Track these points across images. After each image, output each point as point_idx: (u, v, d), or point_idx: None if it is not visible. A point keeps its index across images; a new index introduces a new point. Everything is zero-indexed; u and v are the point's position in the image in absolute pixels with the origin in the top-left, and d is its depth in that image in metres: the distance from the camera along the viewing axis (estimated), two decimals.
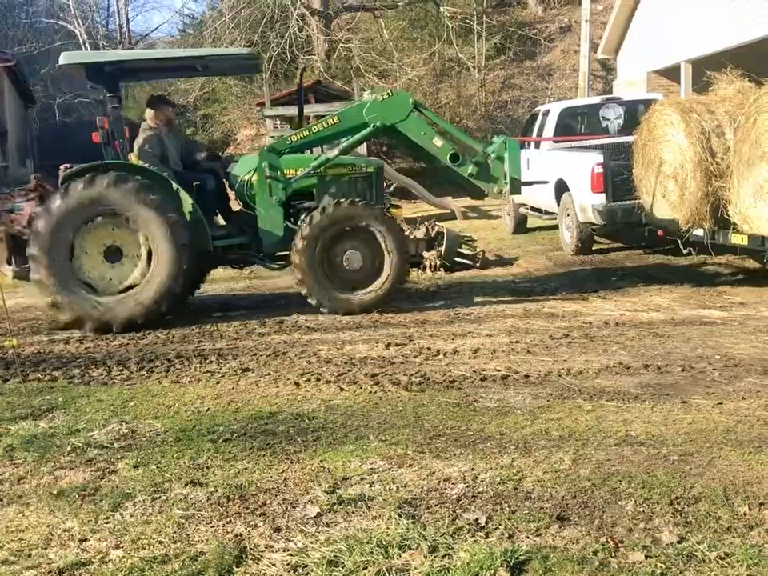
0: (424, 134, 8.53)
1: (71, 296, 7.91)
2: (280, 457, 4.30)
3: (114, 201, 7.88)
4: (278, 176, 8.42)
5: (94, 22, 46.09)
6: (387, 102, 8.49)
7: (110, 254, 8.12)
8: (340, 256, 8.34)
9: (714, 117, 8.90)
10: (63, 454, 4.46)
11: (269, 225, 8.50)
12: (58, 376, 6.30)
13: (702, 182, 8.76)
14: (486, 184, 8.57)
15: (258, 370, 6.23)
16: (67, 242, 7.92)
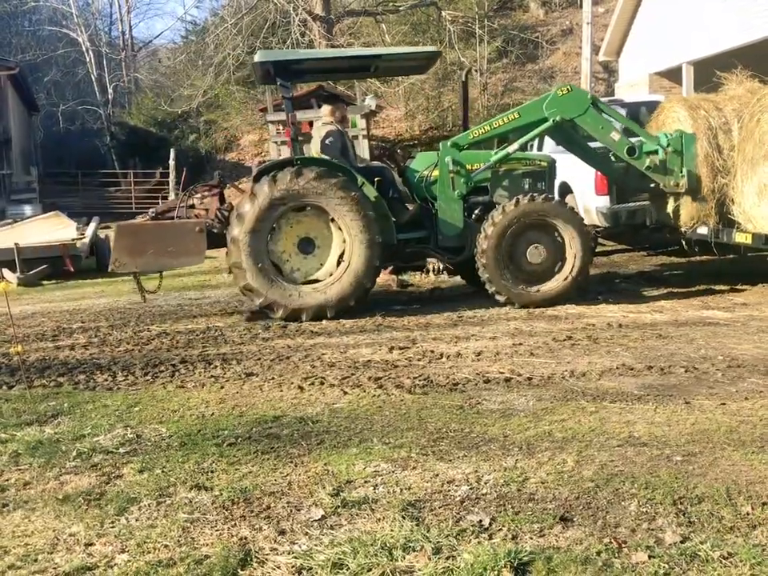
0: (602, 128, 8.71)
1: (266, 282, 8.27)
2: (284, 460, 4.32)
3: (317, 193, 8.23)
4: (459, 170, 8.64)
5: (96, 29, 46.26)
6: (567, 97, 8.68)
7: (305, 245, 8.50)
8: (523, 251, 8.48)
9: (722, 114, 8.89)
10: (69, 460, 4.48)
11: (449, 218, 8.69)
12: (63, 382, 6.32)
13: (708, 178, 8.73)
14: (663, 177, 8.80)
15: (263, 375, 6.25)
16: (267, 230, 8.31)
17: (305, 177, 8.21)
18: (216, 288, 11.60)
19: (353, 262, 8.28)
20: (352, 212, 8.21)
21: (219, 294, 10.88)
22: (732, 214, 8.65)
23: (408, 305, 9.18)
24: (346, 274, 8.31)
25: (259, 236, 8.25)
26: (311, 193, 8.23)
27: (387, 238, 8.48)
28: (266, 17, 25.24)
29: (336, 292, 8.29)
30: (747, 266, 10.49)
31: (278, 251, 8.45)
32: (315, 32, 25.00)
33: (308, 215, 8.43)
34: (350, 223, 8.23)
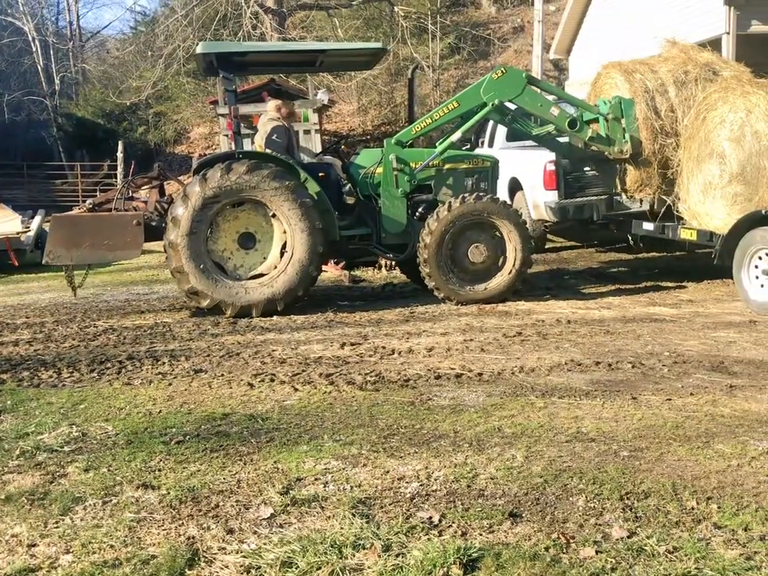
0: (541, 106, 8.88)
1: (210, 283, 8.18)
2: (233, 458, 4.27)
3: (251, 187, 8.14)
4: (403, 168, 8.67)
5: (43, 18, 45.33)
6: (502, 80, 8.78)
7: (245, 240, 8.41)
8: (464, 250, 8.55)
9: (657, 76, 9.05)
10: (11, 458, 4.37)
11: (392, 216, 8.73)
12: (6, 379, 6.17)
13: (649, 140, 8.84)
14: (607, 145, 8.96)
15: (212, 371, 6.18)
16: (205, 229, 8.21)
17: (236, 171, 8.12)
18: (164, 283, 11.44)
19: (296, 252, 8.22)
20: (288, 201, 8.13)
21: (167, 289, 10.73)
22: (677, 211, 8.79)
23: (360, 300, 9.17)
24: (290, 264, 8.24)
25: (197, 237, 8.14)
26: (245, 187, 8.14)
27: (329, 231, 8.47)
28: (216, 9, 24.97)
29: (283, 284, 8.23)
30: (693, 263, 10.68)
31: (219, 250, 8.35)
32: (267, 25, 24.80)
33: (245, 210, 8.34)
34: (288, 213, 8.15)
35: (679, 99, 8.81)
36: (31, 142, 35.68)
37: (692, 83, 8.80)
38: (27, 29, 40.37)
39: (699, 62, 9.00)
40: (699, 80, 8.83)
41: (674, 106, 8.84)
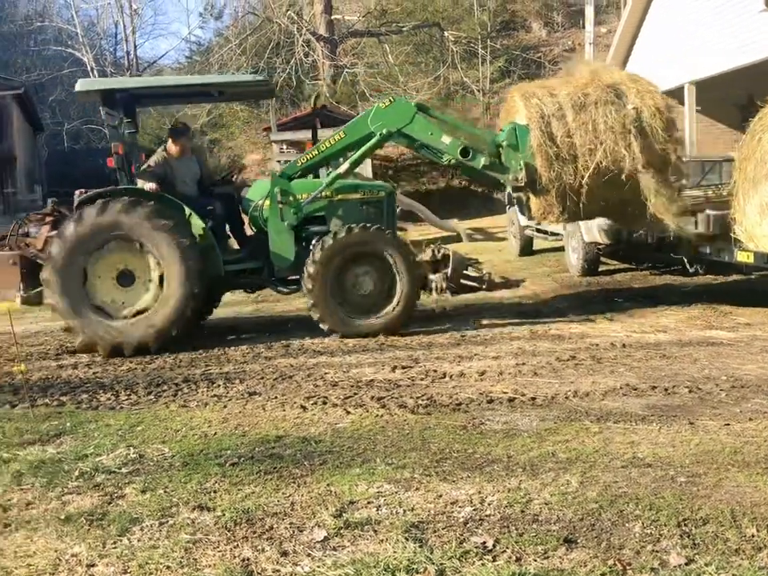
0: (431, 134, 8.59)
1: (83, 320, 8.01)
2: (287, 480, 4.31)
3: (126, 226, 7.98)
4: (289, 201, 8.47)
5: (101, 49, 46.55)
6: (390, 109, 8.55)
7: (123, 278, 8.20)
8: (351, 281, 8.38)
9: (556, 100, 8.51)
10: (71, 479, 4.46)
11: (280, 249, 8.55)
12: (66, 401, 6.31)
13: (545, 168, 8.28)
14: (501, 173, 8.62)
15: (265, 394, 6.24)
16: (80, 266, 8.04)
17: (111, 209, 7.99)
18: (221, 306, 11.57)
19: (171, 292, 8.00)
20: (164, 241, 7.96)
21: (223, 312, 10.85)
22: (734, 233, 8.65)
23: (411, 324, 9.17)
24: (165, 304, 8.04)
25: (71, 275, 8.00)
26: (121, 226, 8.00)
27: (212, 268, 8.34)
28: (270, 37, 25.43)
29: (156, 323, 8.02)
30: (750, 286, 10.49)
31: (96, 288, 8.16)
32: (319, 52, 25.17)
33: (124, 247, 8.14)
34: (163, 253, 7.98)
35: (577, 124, 8.32)
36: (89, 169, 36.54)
37: (592, 106, 8.33)
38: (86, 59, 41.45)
39: (604, 83, 8.50)
40: (600, 103, 8.31)
41: (570, 131, 8.34)
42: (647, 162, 8.21)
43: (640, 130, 8.25)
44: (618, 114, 8.26)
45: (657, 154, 8.26)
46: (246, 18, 28.93)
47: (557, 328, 8.42)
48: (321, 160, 8.78)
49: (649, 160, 8.25)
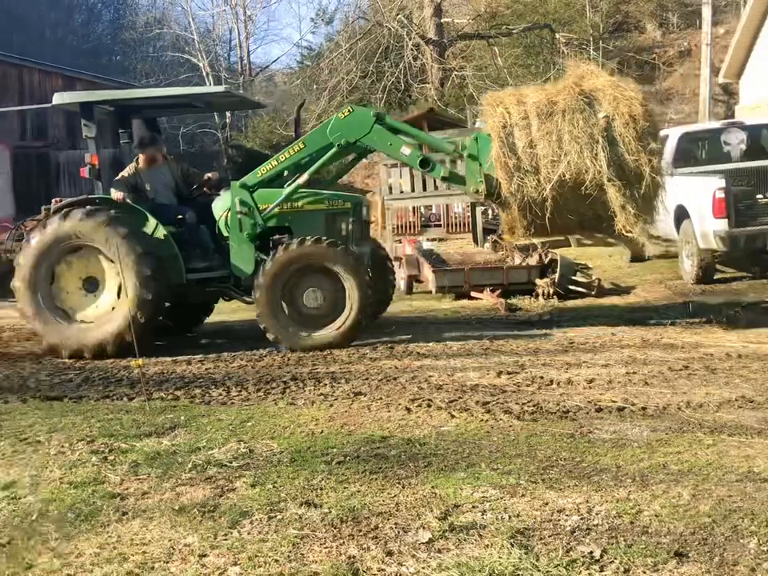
0: (390, 145, 8.45)
1: (47, 325, 8.36)
2: (392, 481, 4.34)
3: (85, 234, 8.26)
4: (248, 211, 8.42)
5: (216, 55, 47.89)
6: (348, 119, 8.40)
7: (89, 284, 8.48)
8: (301, 294, 8.28)
9: (522, 108, 8.01)
10: (184, 471, 4.62)
11: (240, 258, 8.52)
12: (180, 395, 6.54)
13: (505, 180, 7.86)
14: (462, 184, 8.45)
15: (370, 395, 6.30)
16: (46, 273, 8.36)
17: (72, 218, 8.25)
18: None
19: (127, 298, 8.08)
20: (121, 248, 8.07)
21: None
22: None
23: (516, 329, 9.10)
24: (120, 309, 8.16)
25: (36, 282, 8.30)
26: (80, 233, 8.25)
27: (173, 276, 8.46)
28: (379, 41, 25.64)
29: (112, 328, 8.19)
30: None
31: (62, 293, 8.45)
32: (428, 56, 25.24)
33: (88, 254, 8.38)
34: (121, 259, 8.07)
35: (540, 133, 7.85)
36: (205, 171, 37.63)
37: (559, 115, 7.82)
38: (202, 65, 42.81)
39: (578, 90, 7.94)
40: (567, 111, 7.80)
41: (534, 141, 7.87)
42: (617, 174, 7.66)
43: (610, 140, 7.70)
44: (585, 123, 7.74)
45: (628, 166, 7.68)
46: (356, 22, 29.26)
47: (669, 336, 8.20)
48: (280, 170, 8.63)
49: (618, 172, 7.67)
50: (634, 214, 7.68)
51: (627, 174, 7.68)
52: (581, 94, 7.87)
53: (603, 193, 7.74)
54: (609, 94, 7.84)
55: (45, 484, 4.49)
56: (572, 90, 7.93)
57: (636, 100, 7.78)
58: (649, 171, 7.63)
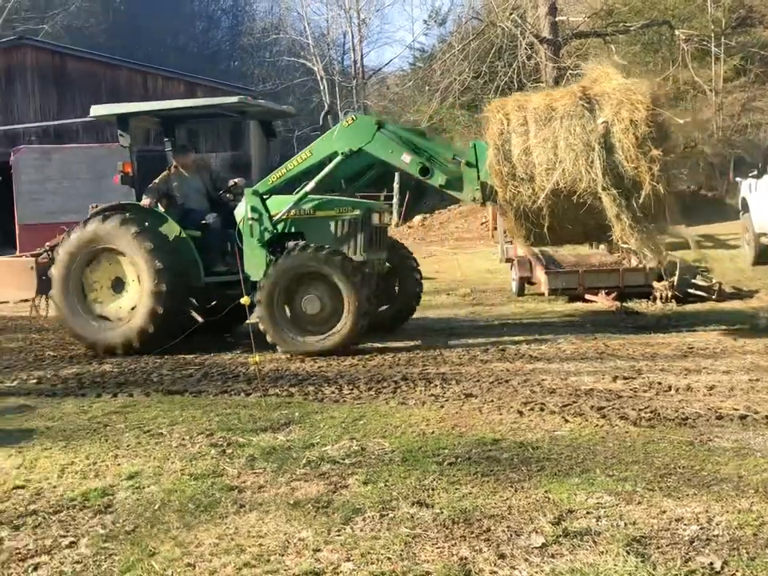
0: (391, 152, 8.46)
1: (82, 325, 8.89)
2: (504, 484, 4.31)
3: (105, 237, 8.76)
4: (258, 217, 8.63)
5: (330, 58, 48.63)
6: (353, 127, 8.51)
7: (118, 284, 8.93)
8: (300, 300, 8.38)
9: (521, 114, 7.80)
10: (299, 467, 4.71)
11: (252, 263, 8.71)
12: (294, 392, 6.68)
13: (501, 188, 7.76)
14: (459, 192, 8.42)
15: (482, 397, 6.27)
16: (76, 277, 8.88)
17: (92, 223, 8.79)
18: (436, 308, 11.79)
19: (144, 294, 8.57)
20: (136, 249, 8.54)
21: (439, 314, 11.04)
22: None
23: (632, 333, 8.89)
24: (140, 306, 8.62)
25: (69, 285, 8.84)
26: (106, 237, 8.72)
27: (193, 279, 8.83)
28: (492, 41, 25.47)
29: (135, 324, 8.62)
30: None
31: (93, 294, 8.92)
32: (542, 55, 24.90)
33: (113, 257, 8.84)
34: (136, 259, 8.57)
35: (537, 140, 7.63)
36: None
37: (557, 121, 7.57)
38: (316, 69, 43.53)
39: (580, 94, 7.65)
40: (565, 117, 7.56)
41: (530, 148, 7.66)
42: (614, 182, 7.37)
43: (608, 147, 7.40)
44: (582, 130, 7.48)
45: (627, 173, 7.38)
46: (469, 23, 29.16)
47: None
48: (289, 178, 8.80)
49: (615, 181, 7.38)
50: (629, 224, 7.38)
51: (625, 183, 7.39)
52: (582, 99, 7.62)
53: (600, 202, 7.48)
54: (615, 98, 7.53)
55: (167, 475, 4.67)
56: (573, 95, 7.70)
57: (642, 104, 7.36)
58: (649, 179, 7.26)
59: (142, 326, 8.59)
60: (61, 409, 6.38)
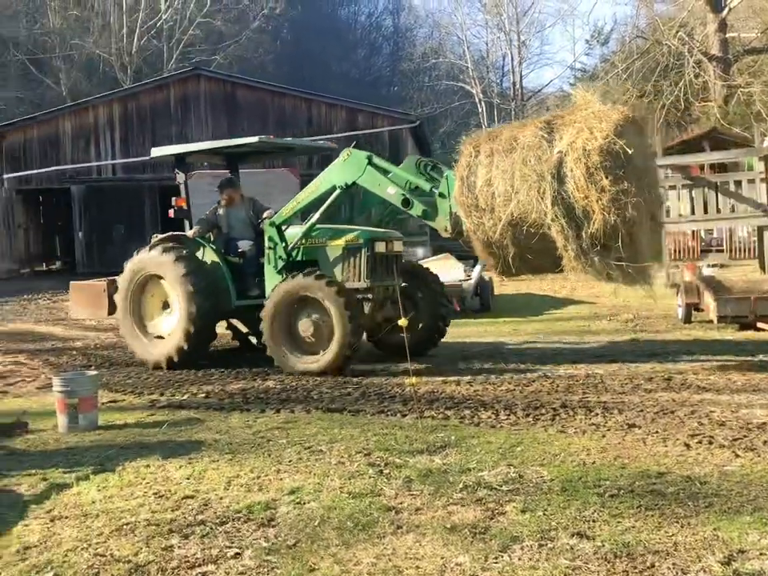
0: (379, 185, 8.85)
1: (137, 342, 9.79)
2: (669, 519, 4.14)
3: (150, 264, 9.67)
4: (274, 247, 9.35)
5: (489, 81, 48.75)
6: (348, 162, 9.01)
7: (165, 306, 9.80)
8: (298, 322, 8.85)
9: (489, 146, 7.82)
10: (455, 491, 4.70)
11: (270, 289, 9.27)
12: (450, 415, 6.67)
13: (466, 219, 7.92)
14: (433, 221, 8.65)
15: (645, 427, 6.06)
16: (134, 299, 9.79)
17: (143, 252, 9.81)
18: (595, 334, 11.51)
19: (180, 321, 9.35)
20: (174, 273, 9.35)
21: (599, 341, 10.77)
22: None
23: None
24: (178, 325, 9.38)
25: (128, 306, 9.79)
26: (151, 264, 9.64)
27: (224, 303, 9.57)
28: (658, 60, 24.78)
29: (174, 342, 9.39)
30: None
31: (147, 315, 9.83)
32: (710, 72, 24.00)
33: (160, 282, 9.70)
34: (174, 283, 9.39)
35: (498, 171, 7.65)
36: None
37: (518, 151, 7.54)
38: (475, 92, 43.80)
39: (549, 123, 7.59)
40: (525, 147, 7.50)
41: (491, 179, 7.68)
42: (564, 212, 7.20)
43: (561, 177, 7.23)
44: (537, 161, 7.40)
45: (576, 203, 7.18)
46: (633, 42, 28.47)
47: None
48: (300, 209, 9.42)
49: (566, 211, 7.19)
50: (575, 255, 7.29)
51: (576, 213, 7.24)
52: (544, 129, 7.59)
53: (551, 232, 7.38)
54: (576, 127, 7.38)
55: (326, 492, 4.77)
56: (536, 124, 7.73)
57: (601, 132, 7.16)
58: (598, 209, 7.08)
59: (179, 344, 9.37)
60: (227, 422, 6.66)
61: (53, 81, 40.20)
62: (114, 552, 4.00)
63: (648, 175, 7.81)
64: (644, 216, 7.47)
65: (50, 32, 41.73)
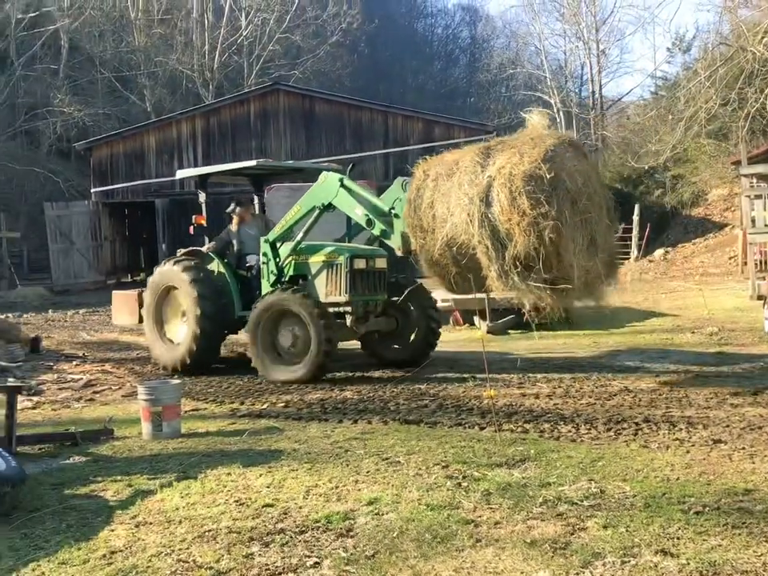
0: (349, 206, 9.39)
1: (159, 349, 10.57)
2: (758, 538, 4.01)
3: (167, 276, 10.46)
4: (267, 262, 9.98)
5: (567, 90, 48.23)
6: (324, 184, 9.56)
7: (182, 314, 10.44)
8: (278, 333, 9.43)
9: (437, 170, 8.19)
10: (535, 505, 4.65)
11: None
12: (529, 429, 6.60)
13: (413, 239, 8.46)
14: (390, 240, 9.05)
15: (732, 443, 5.89)
16: (157, 308, 10.63)
17: (162, 265, 10.73)
18: (678, 347, 11.24)
19: (189, 326, 10.12)
20: (185, 282, 10.08)
21: (682, 354, 10.52)
22: None
23: None
24: (188, 329, 10.10)
25: (152, 315, 10.61)
26: (168, 276, 10.44)
27: (227, 314, 10.16)
28: (742, 67, 24.10)
29: (186, 346, 10.09)
30: None
31: (169, 323, 10.61)
32: None
33: (175, 291, 10.43)
34: (186, 299, 10.11)
35: (439, 194, 8.07)
36: None
37: (457, 175, 7.91)
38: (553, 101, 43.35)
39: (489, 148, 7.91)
40: (462, 171, 7.87)
41: (433, 202, 8.10)
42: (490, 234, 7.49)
43: (488, 200, 7.53)
44: (469, 185, 7.72)
45: (500, 226, 7.47)
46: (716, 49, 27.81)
47: None
48: (289, 228, 9.90)
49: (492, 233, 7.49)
50: (497, 276, 7.58)
51: (501, 235, 7.52)
52: (481, 154, 7.88)
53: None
54: (511, 152, 7.58)
55: (405, 503, 4.77)
56: (476, 149, 8.03)
57: (530, 158, 7.41)
58: (519, 232, 7.32)
59: (190, 347, 10.07)
60: (306, 432, 6.73)
61: (138, 97, 41.39)
62: (196, 558, 4.08)
63: (590, 198, 7.87)
64: (579, 237, 7.61)
65: (136, 50, 43.05)
